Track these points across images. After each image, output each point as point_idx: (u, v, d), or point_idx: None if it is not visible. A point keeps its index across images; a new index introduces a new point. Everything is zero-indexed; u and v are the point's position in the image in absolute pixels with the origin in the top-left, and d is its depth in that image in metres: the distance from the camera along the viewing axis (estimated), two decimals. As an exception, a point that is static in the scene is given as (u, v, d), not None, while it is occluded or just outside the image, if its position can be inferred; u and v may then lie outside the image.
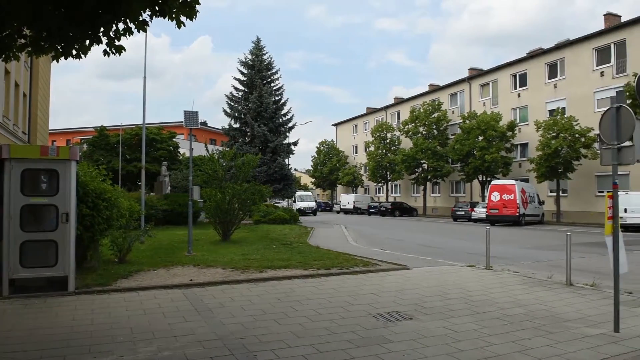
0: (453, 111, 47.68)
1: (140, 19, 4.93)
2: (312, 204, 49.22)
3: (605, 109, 6.68)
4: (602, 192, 31.10)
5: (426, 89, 54.58)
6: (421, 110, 46.45)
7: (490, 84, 44.14)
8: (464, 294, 8.47)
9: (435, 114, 45.70)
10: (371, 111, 65.21)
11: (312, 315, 6.89)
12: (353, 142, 68.05)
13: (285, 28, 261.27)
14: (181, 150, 39.75)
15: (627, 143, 6.68)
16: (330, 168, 63.65)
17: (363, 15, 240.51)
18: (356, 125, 68.35)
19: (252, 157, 19.77)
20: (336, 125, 73.93)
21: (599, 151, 6.51)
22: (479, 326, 6.39)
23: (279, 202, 52.52)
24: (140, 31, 5.07)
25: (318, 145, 68.35)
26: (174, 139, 38.95)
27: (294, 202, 45.62)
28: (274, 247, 15.05)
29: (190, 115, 13.28)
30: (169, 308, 7.25)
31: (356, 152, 66.91)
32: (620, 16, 35.33)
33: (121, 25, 5.06)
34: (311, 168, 69.07)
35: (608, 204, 6.55)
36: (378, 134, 53.28)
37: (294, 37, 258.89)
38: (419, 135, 45.95)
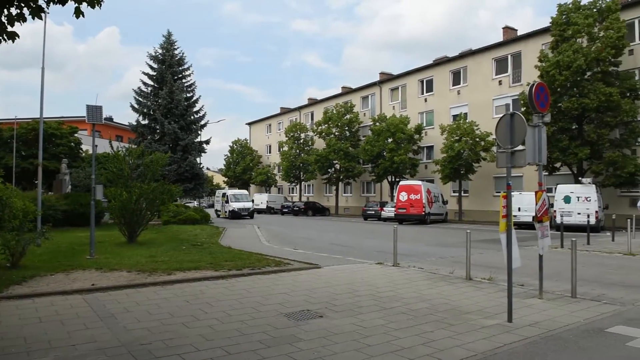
0: (364, 113, 49.02)
1: (35, 5, 4.58)
2: (249, 205, 40.37)
3: (501, 115, 7.18)
4: (499, 192, 33.44)
5: (339, 91, 55.63)
6: (334, 111, 47.30)
7: (400, 88, 45.88)
8: (373, 290, 8.73)
9: (348, 116, 46.74)
10: (285, 111, 65.37)
11: (223, 317, 6.77)
12: (267, 142, 67.82)
13: (199, 23, 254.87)
14: (84, 147, 37.43)
15: (520, 147, 7.24)
16: (244, 167, 62.98)
17: (279, 15, 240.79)
18: (270, 125, 68.19)
19: (161, 155, 19.09)
20: (250, 124, 73.30)
21: (496, 154, 7.06)
22: (386, 321, 6.61)
23: (190, 202, 51.12)
24: (35, 18, 4.71)
25: (231, 144, 67.38)
26: (75, 135, 36.56)
27: (227, 202, 39.74)
28: (183, 248, 14.62)
29: (94, 110, 12.53)
30: (68, 315, 6.79)
31: (270, 152, 66.75)
32: (517, 30, 38.23)
33: (14, 10, 4.67)
34: (224, 167, 67.89)
35: (502, 203, 7.05)
36: (292, 134, 53.54)
37: (207, 33, 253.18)
38: (332, 136, 46.75)
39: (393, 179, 41.69)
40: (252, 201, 43.05)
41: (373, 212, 39.07)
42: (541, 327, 6.43)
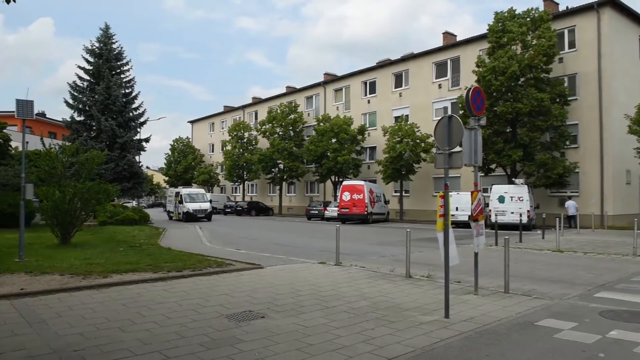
0: (309, 113, 49.18)
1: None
2: (206, 205, 36.01)
3: (440, 118, 7.41)
4: (438, 192, 34.41)
5: (284, 90, 55.48)
6: (278, 111, 47.16)
7: (344, 89, 46.37)
8: (315, 290, 8.78)
9: (292, 116, 46.73)
10: (229, 110, 64.49)
11: (161, 320, 6.59)
12: (210, 141, 66.68)
13: (140, 17, 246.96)
14: (13, 144, 35.31)
15: (457, 149, 7.49)
16: (185, 166, 61.60)
17: (223, 12, 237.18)
18: (213, 124, 67.08)
19: (98, 153, 18.34)
20: (192, 122, 71.79)
21: (434, 156, 7.32)
22: (328, 320, 6.66)
23: (129, 202, 49.39)
24: (-43, 4, 4.40)
25: (172, 143, 65.74)
26: (4, 131, 34.45)
27: (180, 202, 35.87)
28: (120, 250, 14.12)
29: (24, 105, 11.88)
30: (-8, 322, 6.40)
31: (212, 151, 65.67)
32: (456, 35, 39.53)
33: None
34: (165, 166, 66.13)
35: (440, 203, 7.28)
36: (235, 133, 52.93)
37: (149, 28, 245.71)
38: (276, 135, 46.59)
39: (336, 179, 42.08)
40: (210, 201, 38.27)
41: (316, 212, 39.29)
42: (476, 322, 6.68)
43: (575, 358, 5.27)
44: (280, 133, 46.73)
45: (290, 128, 46.70)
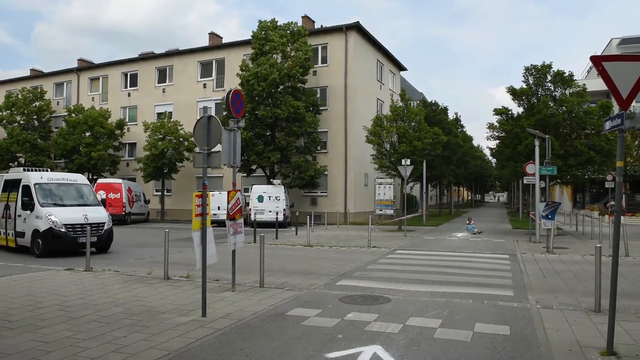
0: (58, 102, 43.84)
1: None
2: (102, 215, 15.80)
3: (199, 117, 7.44)
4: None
5: (27, 73, 48.47)
6: (19, 96, 40.88)
7: (101, 78, 42.74)
8: (60, 300, 7.90)
9: (37, 103, 41.00)
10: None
11: None
12: None
13: None
14: None
15: (217, 148, 7.62)
16: None
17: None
18: None
19: None
20: None
21: (193, 155, 7.30)
22: (74, 332, 6.06)
23: None
24: None
25: None
26: None
27: (27, 208, 14.89)
28: None
29: None
30: None
31: None
32: (222, 37, 40.07)
33: None
34: None
35: (196, 202, 7.28)
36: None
37: None
38: (16, 124, 40.32)
39: (91, 177, 38.55)
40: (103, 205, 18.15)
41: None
42: (233, 317, 6.89)
43: (318, 341, 5.86)
44: (22, 122, 40.60)
45: (35, 117, 40.91)
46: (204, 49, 38.14)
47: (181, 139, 34.05)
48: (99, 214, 15.45)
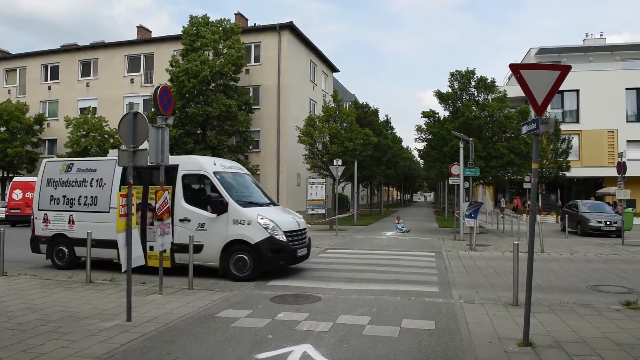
0: (-31, 94, 40.76)
1: None
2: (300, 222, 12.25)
3: (125, 113, 7.17)
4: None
5: None
6: None
7: (19, 70, 40.04)
8: (-32, 307, 7.34)
9: (-57, 95, 37.91)
10: None
11: None
12: None
13: None
14: None
15: (144, 146, 7.37)
16: None
17: None
18: None
19: None
20: None
21: (119, 153, 6.92)
22: (-17, 342, 5.65)
23: None
24: None
25: None
26: None
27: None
28: None
29: None
30: None
31: None
32: (151, 31, 38.73)
33: None
34: None
35: (121, 202, 6.98)
36: None
37: None
38: None
39: (6, 175, 36.11)
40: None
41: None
42: (159, 321, 6.69)
43: (249, 342, 5.82)
44: None
45: (-60, 110, 37.77)
46: (132, 42, 36.72)
47: (106, 136, 32.57)
48: (299, 217, 11.94)
